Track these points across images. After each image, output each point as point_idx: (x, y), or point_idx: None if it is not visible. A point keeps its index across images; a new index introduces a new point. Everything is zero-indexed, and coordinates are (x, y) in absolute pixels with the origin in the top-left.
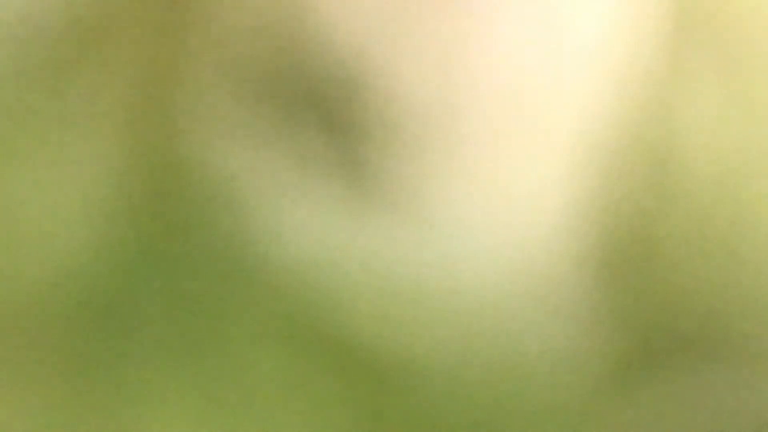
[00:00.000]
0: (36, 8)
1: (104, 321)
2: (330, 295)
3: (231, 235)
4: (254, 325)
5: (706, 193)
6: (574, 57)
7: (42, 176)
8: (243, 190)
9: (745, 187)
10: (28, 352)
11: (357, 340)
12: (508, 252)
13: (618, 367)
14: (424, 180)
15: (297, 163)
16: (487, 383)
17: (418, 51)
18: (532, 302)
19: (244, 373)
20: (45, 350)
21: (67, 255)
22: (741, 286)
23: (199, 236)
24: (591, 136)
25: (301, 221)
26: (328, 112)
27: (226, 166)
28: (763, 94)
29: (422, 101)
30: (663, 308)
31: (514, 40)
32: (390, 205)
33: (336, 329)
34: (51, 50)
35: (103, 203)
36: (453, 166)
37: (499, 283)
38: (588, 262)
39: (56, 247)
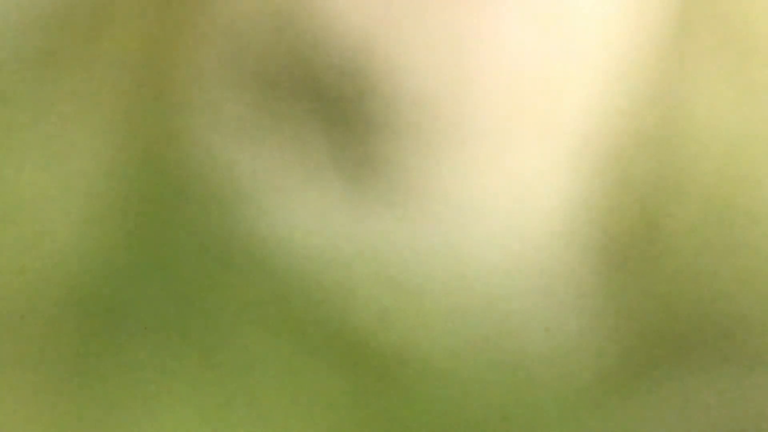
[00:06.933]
0: None
1: (102, 319)
2: (334, 288)
3: (232, 231)
4: (257, 321)
5: (712, 188)
6: (581, 50)
7: (37, 172)
8: (244, 184)
9: (751, 183)
10: (24, 350)
11: (361, 333)
12: (513, 246)
13: (621, 364)
14: (429, 173)
15: (300, 156)
16: (490, 377)
17: (423, 43)
18: (536, 295)
19: (246, 370)
20: (41, 348)
21: (62, 252)
22: (746, 282)
23: (199, 232)
24: (597, 129)
25: (304, 214)
26: (333, 105)
27: (227, 160)
28: None
29: (427, 94)
30: (667, 305)
31: (520, 32)
32: (395, 197)
33: (340, 323)
34: (46, 41)
35: (99, 199)
36: (458, 158)
37: (503, 276)
38: (593, 257)
39: (51, 244)
